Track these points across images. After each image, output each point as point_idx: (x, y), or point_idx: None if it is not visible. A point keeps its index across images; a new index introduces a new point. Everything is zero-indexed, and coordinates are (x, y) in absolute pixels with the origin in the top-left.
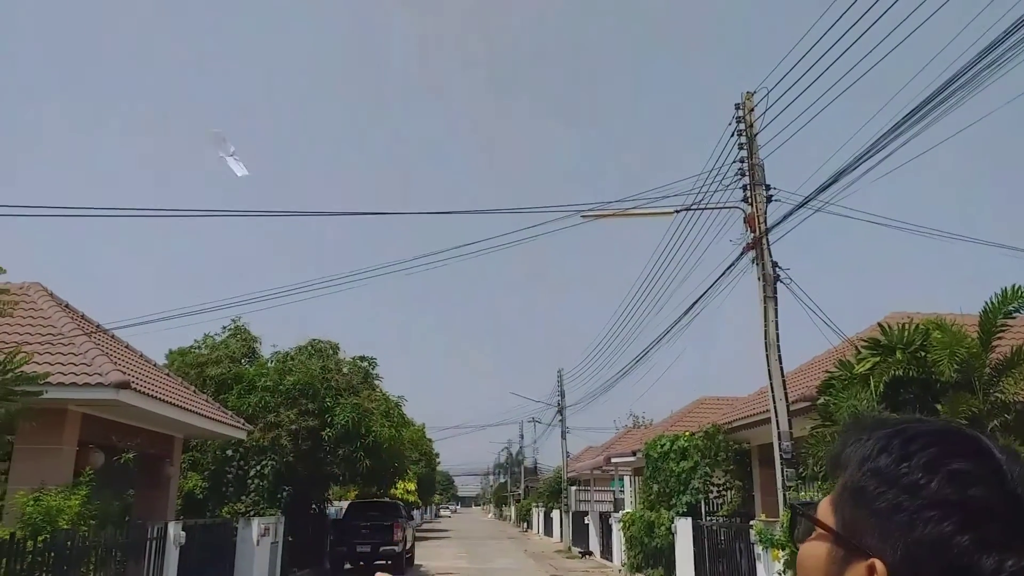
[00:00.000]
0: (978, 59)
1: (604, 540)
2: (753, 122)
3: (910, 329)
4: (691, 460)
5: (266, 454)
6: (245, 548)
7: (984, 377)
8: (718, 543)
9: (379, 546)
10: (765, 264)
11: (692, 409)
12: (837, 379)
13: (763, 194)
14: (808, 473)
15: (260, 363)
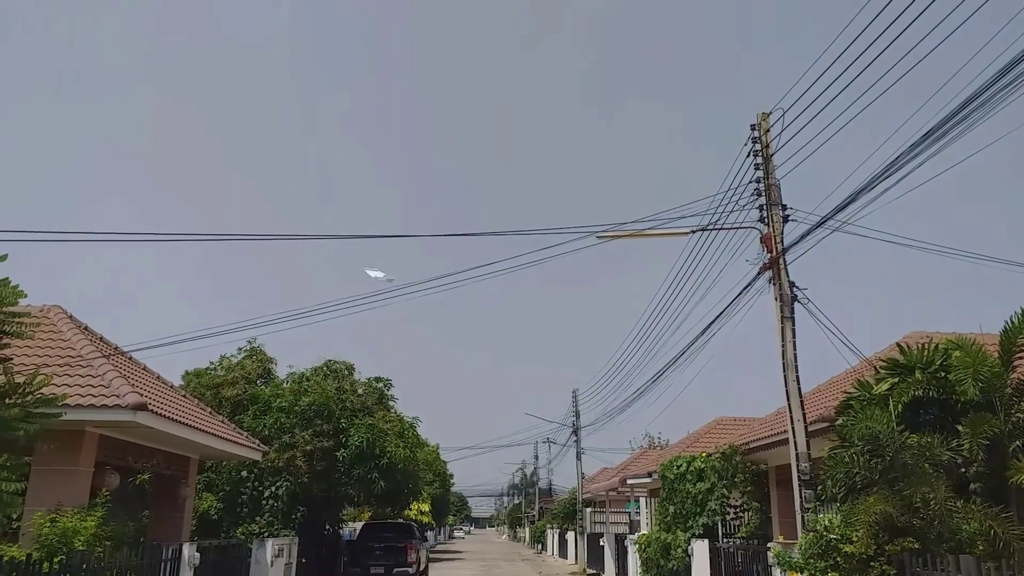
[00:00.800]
0: (996, 79)
1: (620, 562)
2: (769, 142)
3: (930, 349)
4: (708, 481)
5: (281, 475)
6: (259, 569)
7: (1005, 397)
8: (735, 565)
9: (393, 567)
10: (782, 284)
11: (709, 430)
12: (855, 399)
13: (779, 214)
14: (827, 495)
15: (276, 384)
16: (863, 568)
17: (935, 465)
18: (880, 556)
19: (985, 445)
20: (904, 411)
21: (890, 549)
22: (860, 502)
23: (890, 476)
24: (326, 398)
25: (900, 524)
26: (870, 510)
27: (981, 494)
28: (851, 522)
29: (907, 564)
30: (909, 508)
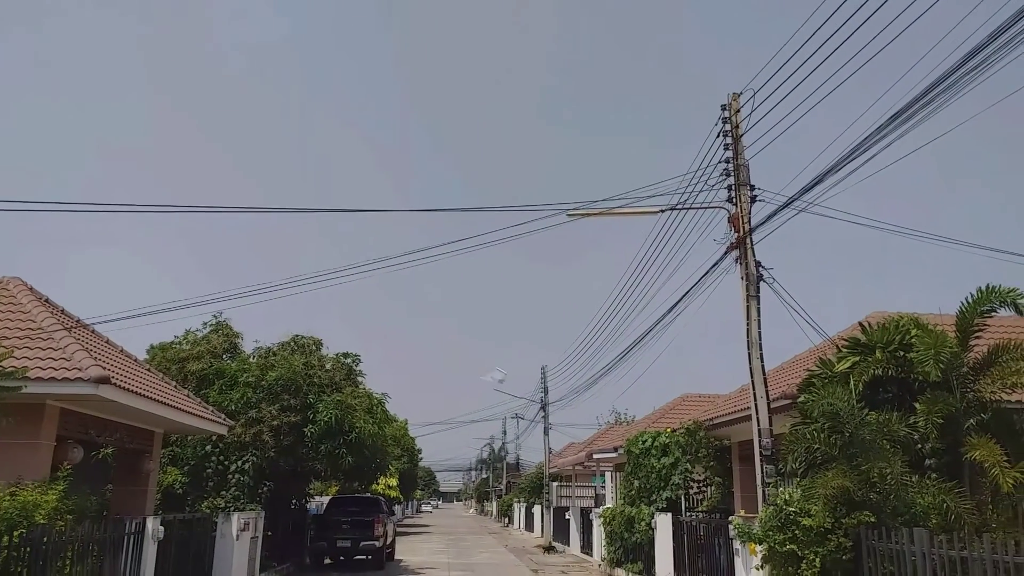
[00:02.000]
0: (962, 63)
1: (585, 535)
2: (739, 123)
3: (890, 329)
4: (672, 456)
5: (247, 449)
6: (224, 543)
7: (961, 377)
8: (697, 538)
9: (359, 541)
10: (748, 264)
11: (675, 406)
12: (817, 377)
13: (747, 194)
14: (787, 470)
15: (242, 359)
16: (820, 540)
17: (892, 441)
18: (837, 529)
19: (940, 423)
20: (864, 389)
21: (847, 522)
22: (819, 477)
23: (849, 452)
24: (293, 373)
25: (857, 498)
26: (828, 484)
27: (936, 469)
28: (810, 496)
29: (863, 537)
30: (866, 483)
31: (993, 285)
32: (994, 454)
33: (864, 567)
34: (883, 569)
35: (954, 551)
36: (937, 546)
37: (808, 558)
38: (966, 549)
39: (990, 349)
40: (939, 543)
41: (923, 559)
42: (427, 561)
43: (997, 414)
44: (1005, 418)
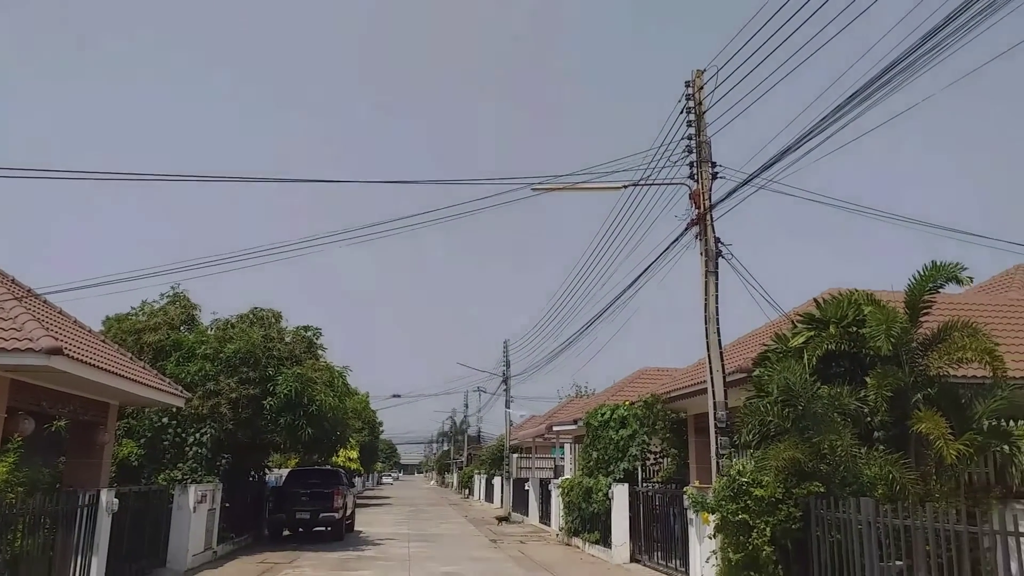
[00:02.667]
0: (919, 44)
1: (543, 506)
2: (702, 100)
3: (844, 305)
4: (630, 428)
5: (205, 422)
6: (181, 515)
7: (911, 352)
8: (653, 508)
9: (319, 513)
10: (708, 240)
11: (634, 379)
12: (773, 352)
13: (709, 171)
14: (741, 442)
15: (200, 331)
16: (771, 510)
17: (843, 414)
18: (788, 499)
19: (889, 396)
20: (818, 363)
21: (797, 492)
22: (772, 449)
23: (801, 424)
24: (252, 346)
25: (808, 469)
26: (780, 456)
27: (884, 442)
28: (762, 467)
29: (812, 506)
30: (817, 454)
31: (939, 261)
32: (939, 427)
33: (812, 536)
34: (831, 538)
35: (898, 520)
36: (882, 515)
37: (759, 527)
38: (909, 518)
39: (940, 326)
40: (884, 512)
41: (869, 528)
42: (387, 532)
43: (944, 388)
44: (951, 392)
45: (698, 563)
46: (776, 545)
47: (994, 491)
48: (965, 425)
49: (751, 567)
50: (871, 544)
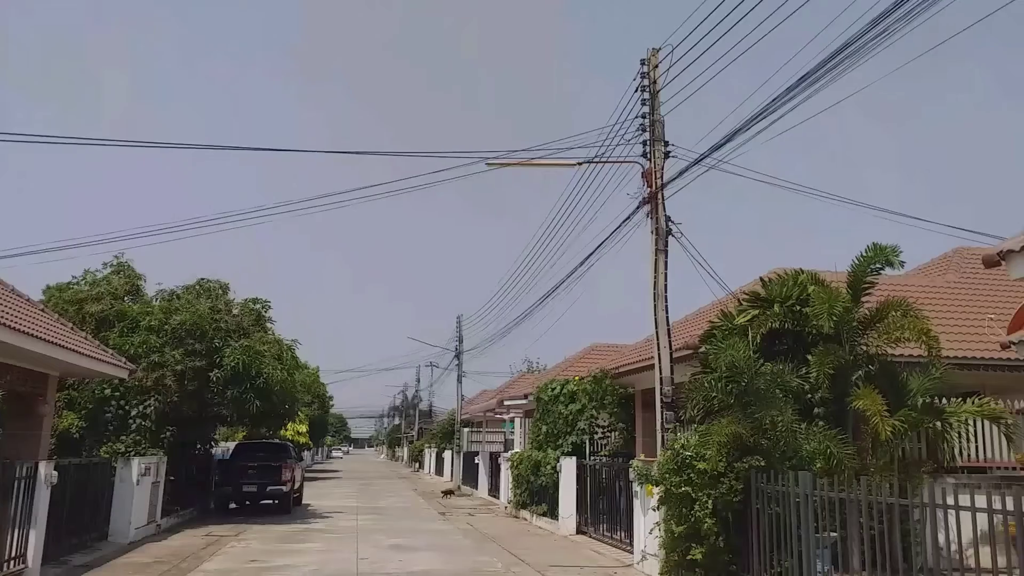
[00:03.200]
0: (868, 28)
1: (493, 479)
2: (657, 78)
3: (788, 284)
4: (579, 403)
5: (149, 394)
6: (124, 488)
7: (852, 331)
8: (600, 481)
9: (266, 486)
10: (659, 218)
11: (584, 355)
12: (718, 329)
13: (661, 150)
14: (686, 416)
15: (144, 301)
16: (713, 483)
17: (785, 391)
18: (729, 472)
19: (831, 374)
20: (762, 341)
21: (738, 466)
22: (715, 424)
23: (744, 400)
24: (199, 318)
25: (749, 444)
26: (723, 431)
27: (823, 418)
28: (705, 442)
29: (752, 479)
30: (758, 429)
31: (880, 243)
32: (876, 404)
33: (752, 508)
34: (770, 510)
35: (834, 493)
36: (819, 488)
37: (701, 500)
38: (845, 491)
39: (878, 305)
40: (821, 486)
41: (806, 500)
42: (336, 505)
43: (882, 367)
44: (889, 370)
45: (642, 534)
46: (717, 517)
47: (925, 466)
48: (901, 402)
49: (693, 538)
50: (808, 516)
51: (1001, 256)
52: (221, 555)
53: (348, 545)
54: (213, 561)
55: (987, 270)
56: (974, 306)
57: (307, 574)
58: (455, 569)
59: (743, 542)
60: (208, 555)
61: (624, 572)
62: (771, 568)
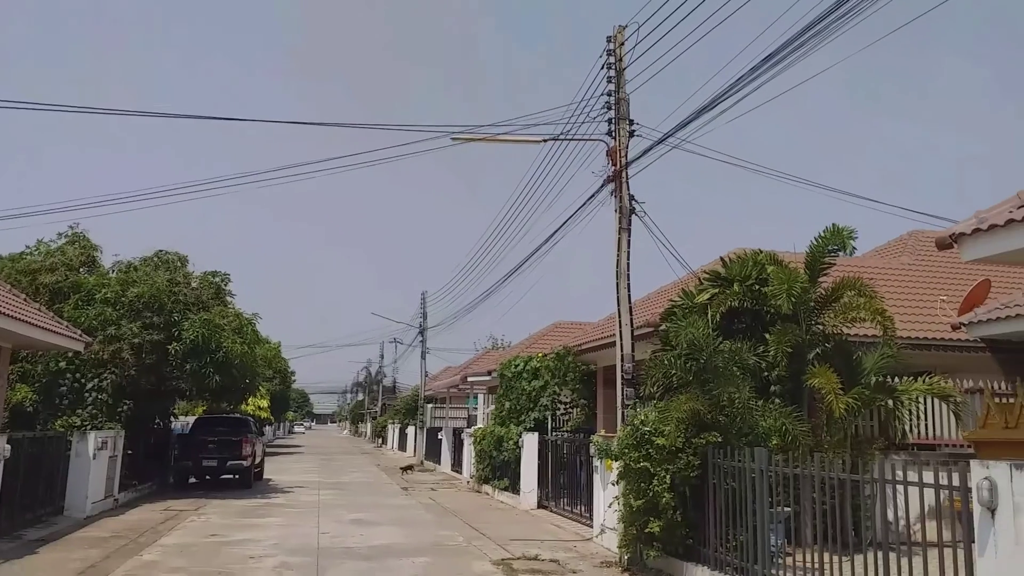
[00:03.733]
0: (834, 8)
1: (456, 454)
2: (622, 56)
3: (748, 264)
4: (542, 380)
5: (106, 367)
6: (80, 462)
7: (809, 310)
8: (561, 456)
9: (226, 460)
10: (623, 197)
11: (548, 332)
12: (679, 307)
13: (626, 128)
14: (646, 393)
15: (100, 273)
16: (671, 458)
17: (743, 368)
18: (687, 448)
19: (787, 352)
20: (721, 319)
21: (696, 442)
22: (674, 400)
23: (703, 377)
24: (157, 290)
25: (707, 420)
26: (682, 407)
27: (780, 395)
28: (664, 418)
29: (710, 455)
30: (716, 406)
31: (838, 225)
32: (831, 382)
33: (709, 483)
34: (726, 485)
35: (788, 469)
36: (774, 464)
37: (659, 474)
38: (799, 467)
39: (834, 285)
40: (776, 462)
41: (761, 476)
42: (297, 480)
43: (838, 346)
44: (844, 349)
45: (601, 508)
46: (675, 491)
47: (877, 442)
48: (855, 381)
49: (651, 512)
50: (763, 491)
51: (953, 239)
52: (180, 529)
53: (309, 520)
54: (172, 536)
55: (940, 253)
56: (927, 288)
57: (268, 548)
58: (416, 543)
59: (700, 516)
60: (167, 529)
61: (584, 546)
62: (727, 542)
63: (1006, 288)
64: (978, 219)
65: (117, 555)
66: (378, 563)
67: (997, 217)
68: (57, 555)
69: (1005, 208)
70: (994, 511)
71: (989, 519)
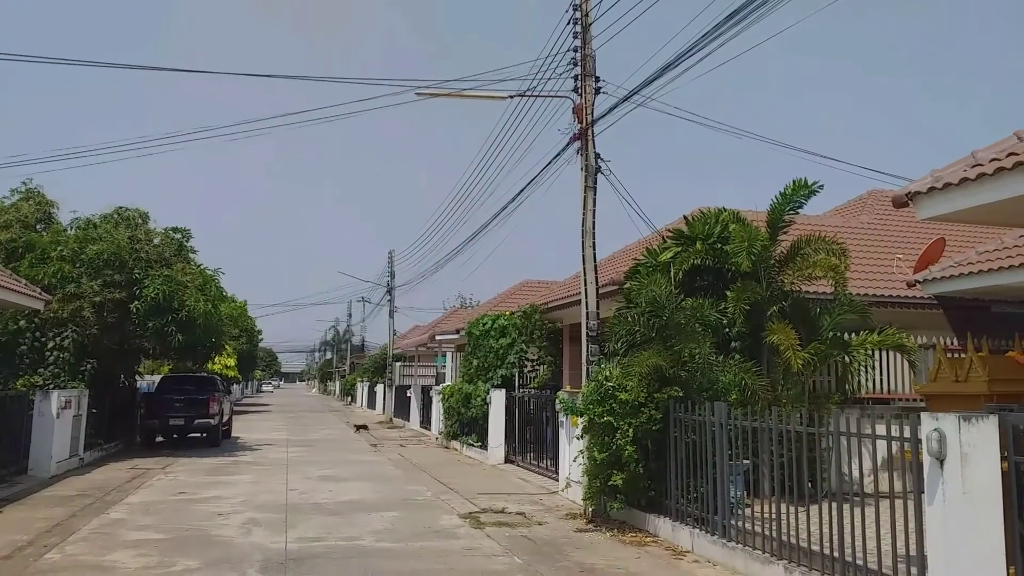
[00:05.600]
0: None
1: (424, 411)
2: (588, 11)
3: (711, 222)
4: (509, 337)
5: (66, 326)
6: (43, 421)
7: (769, 268)
8: (528, 412)
9: (194, 419)
10: (589, 155)
11: (516, 291)
12: (643, 266)
13: (592, 85)
14: (610, 350)
15: (57, 230)
16: (634, 412)
17: (704, 325)
18: (649, 402)
19: (747, 309)
20: (684, 277)
21: (658, 396)
22: (637, 356)
23: (665, 334)
24: (117, 247)
25: (669, 375)
26: (644, 363)
27: (740, 351)
28: (628, 373)
29: (671, 409)
30: (678, 362)
31: (800, 179)
32: (789, 338)
33: (671, 436)
34: (687, 438)
35: (747, 422)
36: (734, 418)
37: (622, 428)
38: (758, 421)
39: (793, 243)
40: (735, 416)
41: (721, 429)
42: (266, 438)
43: (796, 303)
44: (802, 306)
45: (567, 462)
46: (638, 445)
47: (834, 397)
48: (813, 337)
49: (614, 465)
50: (722, 444)
51: (909, 197)
52: (147, 488)
53: (278, 476)
54: (139, 494)
55: (899, 212)
56: (886, 246)
57: (236, 505)
58: (385, 498)
59: (662, 469)
60: (134, 488)
61: (549, 498)
62: (688, 493)
63: (961, 247)
64: (933, 178)
65: (83, 514)
66: (346, 518)
67: (952, 175)
68: (22, 514)
69: (960, 167)
70: (943, 461)
71: (938, 469)
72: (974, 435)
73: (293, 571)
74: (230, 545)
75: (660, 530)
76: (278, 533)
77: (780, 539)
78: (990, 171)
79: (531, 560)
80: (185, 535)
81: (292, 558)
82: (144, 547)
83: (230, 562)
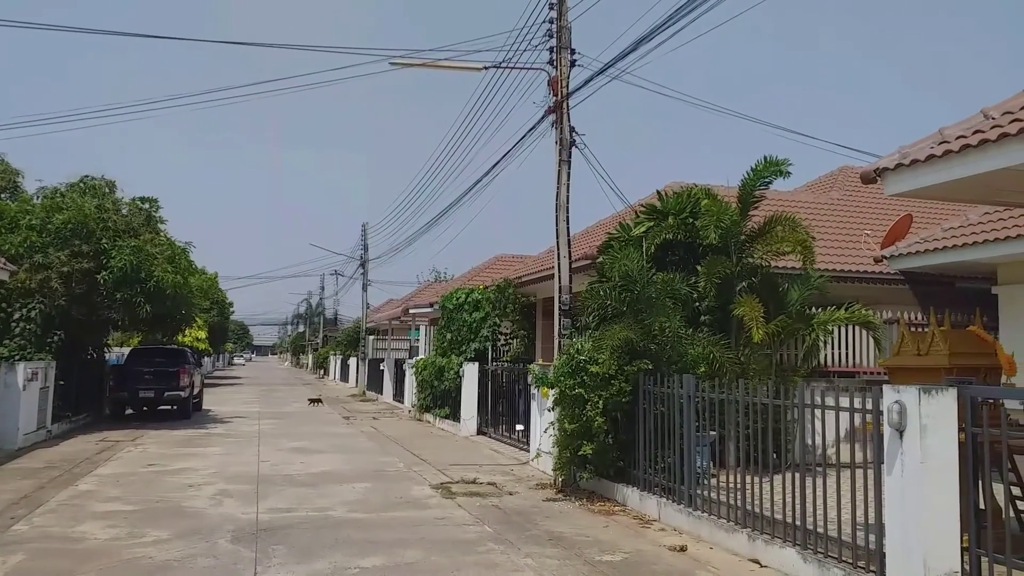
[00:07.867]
0: None
1: (397, 384)
2: None
3: (683, 197)
4: (483, 311)
5: (33, 297)
6: (10, 393)
7: (739, 243)
8: (500, 385)
9: (164, 391)
10: (563, 128)
11: (489, 265)
12: (616, 240)
13: (568, 58)
14: (582, 323)
15: (23, 199)
16: (605, 385)
17: (675, 299)
18: (620, 375)
19: (717, 284)
20: (656, 251)
21: (628, 369)
22: (608, 329)
23: (636, 308)
24: (84, 216)
25: (639, 348)
26: (615, 336)
27: (709, 325)
28: (599, 347)
29: (641, 381)
30: (648, 335)
31: (771, 156)
32: (754, 311)
33: (640, 408)
34: (656, 410)
35: (715, 394)
36: (701, 390)
37: (593, 400)
38: (725, 393)
39: (764, 220)
40: (703, 388)
41: (688, 401)
42: (237, 411)
43: (765, 278)
44: (771, 281)
45: (538, 433)
46: (607, 416)
47: (800, 370)
48: (780, 311)
49: (584, 436)
50: (690, 416)
51: (877, 173)
52: (117, 460)
53: (250, 448)
54: (108, 466)
55: (868, 188)
56: (855, 222)
57: (207, 477)
58: (357, 469)
59: (630, 440)
60: (103, 460)
61: (520, 469)
62: (656, 464)
63: (927, 223)
64: (901, 154)
65: (52, 485)
66: (319, 489)
67: (919, 152)
68: None
69: (927, 144)
70: (902, 432)
71: (898, 440)
72: (934, 407)
73: (264, 541)
74: (201, 516)
75: (628, 499)
76: (249, 504)
77: (745, 508)
78: (956, 148)
79: (501, 529)
80: (155, 506)
81: (263, 528)
82: (114, 518)
83: (201, 533)
